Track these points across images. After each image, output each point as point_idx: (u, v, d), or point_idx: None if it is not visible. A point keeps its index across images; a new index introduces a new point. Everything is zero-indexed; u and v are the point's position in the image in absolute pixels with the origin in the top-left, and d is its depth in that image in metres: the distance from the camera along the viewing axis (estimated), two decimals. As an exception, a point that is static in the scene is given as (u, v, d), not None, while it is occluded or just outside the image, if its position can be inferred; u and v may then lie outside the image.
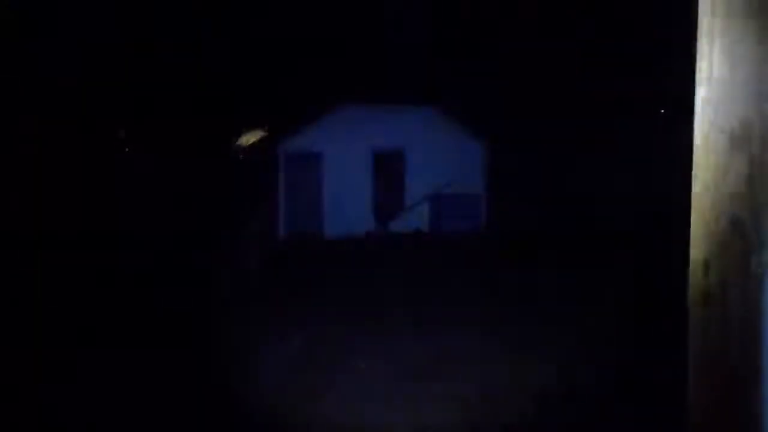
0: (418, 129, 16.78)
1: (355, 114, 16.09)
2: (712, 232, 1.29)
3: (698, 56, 1.32)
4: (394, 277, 10.43)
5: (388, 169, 16.86)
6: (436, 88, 16.69)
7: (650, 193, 15.19)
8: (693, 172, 1.34)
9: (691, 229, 1.35)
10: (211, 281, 9.95)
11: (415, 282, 10.00)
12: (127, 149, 16.83)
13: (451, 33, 15.54)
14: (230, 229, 10.18)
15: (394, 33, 15.45)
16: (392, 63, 16.27)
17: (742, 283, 1.23)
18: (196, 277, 10.23)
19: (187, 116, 15.65)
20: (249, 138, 13.41)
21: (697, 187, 1.33)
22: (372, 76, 16.53)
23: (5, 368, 5.72)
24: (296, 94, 15.97)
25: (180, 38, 14.61)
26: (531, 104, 17.06)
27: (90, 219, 15.14)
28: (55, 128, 15.15)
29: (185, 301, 8.66)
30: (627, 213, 15.60)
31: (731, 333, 1.26)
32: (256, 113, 14.68)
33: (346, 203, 15.98)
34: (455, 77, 16.76)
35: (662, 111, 15.70)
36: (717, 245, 1.28)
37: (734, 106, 1.24)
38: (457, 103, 16.89)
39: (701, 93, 1.31)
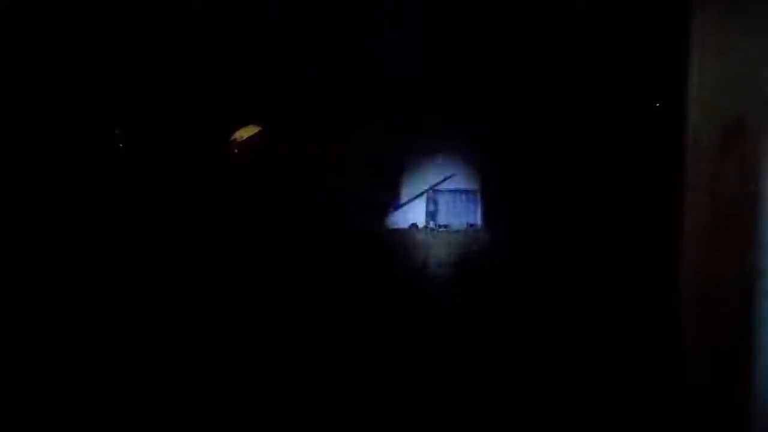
0: (415, 129, 16.69)
1: (353, 114, 15.98)
2: (705, 230, 1.28)
3: (691, 50, 1.30)
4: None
5: (384, 166, 16.77)
6: (432, 88, 16.60)
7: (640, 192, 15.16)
8: (686, 169, 1.32)
9: (685, 226, 1.33)
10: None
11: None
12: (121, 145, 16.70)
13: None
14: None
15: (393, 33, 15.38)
16: (389, 63, 16.18)
17: (735, 280, 1.22)
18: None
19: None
20: (242, 134, 13.36)
21: (689, 184, 1.31)
22: (370, 76, 16.43)
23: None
24: (294, 93, 15.87)
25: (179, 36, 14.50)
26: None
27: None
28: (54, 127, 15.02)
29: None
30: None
31: (725, 332, 1.24)
32: (253, 110, 14.61)
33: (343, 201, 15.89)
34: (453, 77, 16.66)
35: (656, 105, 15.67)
36: (710, 242, 1.27)
37: (727, 102, 1.22)
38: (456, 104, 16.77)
39: (694, 88, 1.29)
